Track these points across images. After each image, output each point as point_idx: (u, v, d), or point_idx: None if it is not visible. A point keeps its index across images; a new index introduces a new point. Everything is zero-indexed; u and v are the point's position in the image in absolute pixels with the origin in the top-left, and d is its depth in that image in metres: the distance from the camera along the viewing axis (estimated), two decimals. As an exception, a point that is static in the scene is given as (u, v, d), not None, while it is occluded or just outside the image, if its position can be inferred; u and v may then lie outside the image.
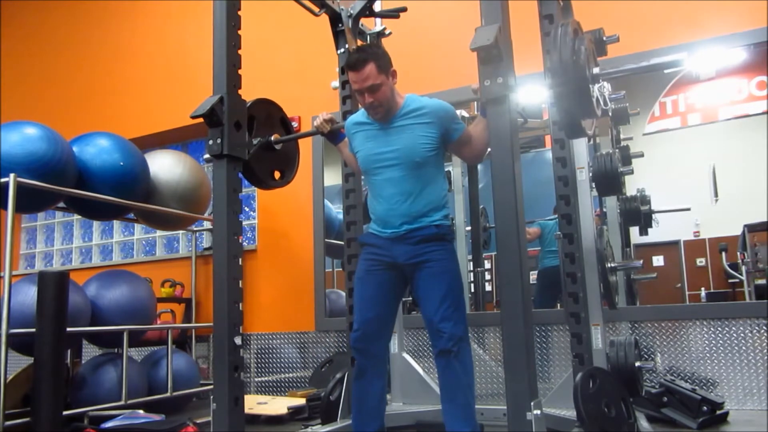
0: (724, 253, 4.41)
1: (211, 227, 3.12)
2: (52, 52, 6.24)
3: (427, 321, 2.22)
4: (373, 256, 2.35)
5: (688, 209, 4.13)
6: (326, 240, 4.44)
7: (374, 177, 2.36)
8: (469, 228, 4.45)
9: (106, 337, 3.69)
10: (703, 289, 4.49)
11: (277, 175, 2.86)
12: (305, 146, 4.61)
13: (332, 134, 2.65)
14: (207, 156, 2.32)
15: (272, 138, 2.73)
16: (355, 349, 2.31)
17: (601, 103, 2.01)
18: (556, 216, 2.64)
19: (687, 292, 4.53)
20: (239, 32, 2.34)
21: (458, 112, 4.38)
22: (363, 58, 2.24)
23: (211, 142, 2.24)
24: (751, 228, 4.22)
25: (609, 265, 2.83)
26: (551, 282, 4.18)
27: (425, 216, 2.27)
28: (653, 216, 3.67)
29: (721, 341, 3.30)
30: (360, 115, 2.46)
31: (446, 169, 4.32)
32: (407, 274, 2.33)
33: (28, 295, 3.13)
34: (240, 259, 2.27)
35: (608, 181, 2.84)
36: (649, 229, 3.91)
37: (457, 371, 2.12)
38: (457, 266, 2.30)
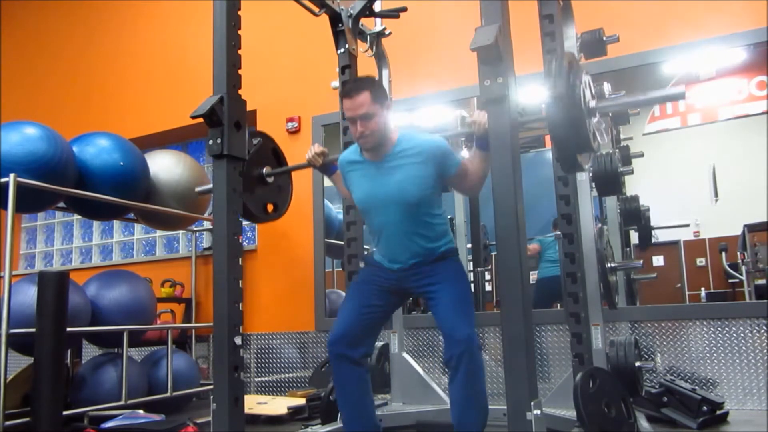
0: (724, 253, 4.41)
1: (211, 227, 3.12)
2: (52, 52, 6.24)
3: (442, 329, 2.19)
4: (377, 278, 2.36)
5: (687, 225, 4.18)
6: (326, 240, 4.44)
7: (372, 217, 2.35)
8: (468, 233, 4.46)
9: (106, 337, 3.69)
10: (703, 289, 4.49)
11: (270, 207, 2.80)
12: (305, 146, 4.62)
13: (325, 167, 2.60)
14: (201, 188, 2.31)
15: (264, 171, 2.69)
16: (332, 353, 2.26)
17: (598, 137, 1.97)
18: (556, 232, 2.65)
19: (687, 292, 4.53)
20: (239, 32, 2.34)
21: (458, 112, 4.41)
22: (358, 87, 2.22)
23: (211, 142, 2.24)
24: (751, 228, 4.22)
25: (609, 265, 2.83)
26: (549, 292, 4.19)
27: (429, 247, 2.28)
28: (652, 232, 3.71)
29: (721, 341, 3.30)
30: (352, 152, 2.41)
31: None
32: (413, 294, 2.37)
33: (28, 295, 3.13)
34: (240, 259, 2.27)
35: (608, 181, 2.84)
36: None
37: (468, 378, 2.06)
38: (465, 279, 2.33)
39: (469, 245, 4.50)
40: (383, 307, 2.38)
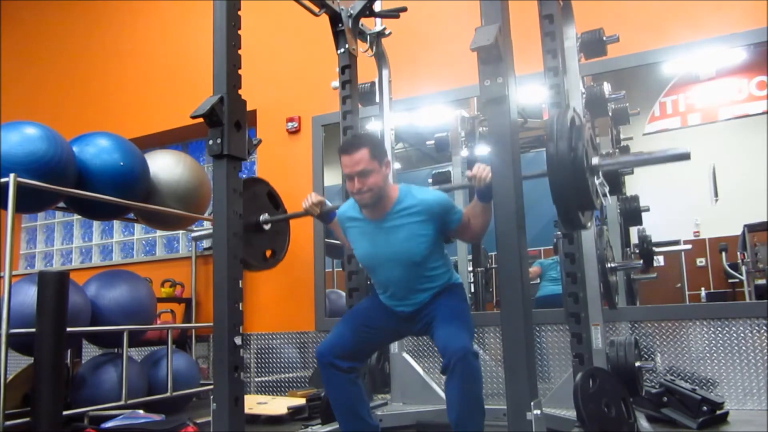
0: (724, 253, 4.40)
1: (211, 227, 3.12)
2: (52, 52, 6.24)
3: (438, 344, 2.17)
4: (383, 308, 2.38)
5: (689, 248, 4.19)
6: (326, 240, 4.44)
7: (375, 273, 2.36)
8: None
9: (106, 337, 3.69)
10: (703, 289, 4.48)
11: (268, 253, 2.75)
12: (305, 146, 4.62)
13: (323, 216, 2.57)
14: (196, 234, 2.29)
15: (261, 218, 2.64)
16: (321, 361, 2.26)
17: (600, 194, 1.95)
18: (556, 257, 2.65)
19: (687, 292, 4.52)
20: (239, 32, 2.34)
21: (458, 111, 4.42)
22: (356, 143, 2.19)
23: (211, 142, 2.24)
24: (751, 228, 4.22)
25: (609, 265, 2.83)
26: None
27: (431, 289, 2.29)
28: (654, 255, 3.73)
29: (721, 341, 3.30)
30: (351, 208, 2.37)
31: (446, 169, 4.35)
32: (418, 331, 2.38)
33: (28, 295, 3.13)
34: (240, 259, 2.27)
35: (608, 181, 2.83)
36: (649, 229, 3.91)
37: (464, 384, 2.01)
38: (463, 300, 2.33)
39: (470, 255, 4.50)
40: (382, 334, 2.40)
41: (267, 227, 2.67)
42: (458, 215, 2.25)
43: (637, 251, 3.90)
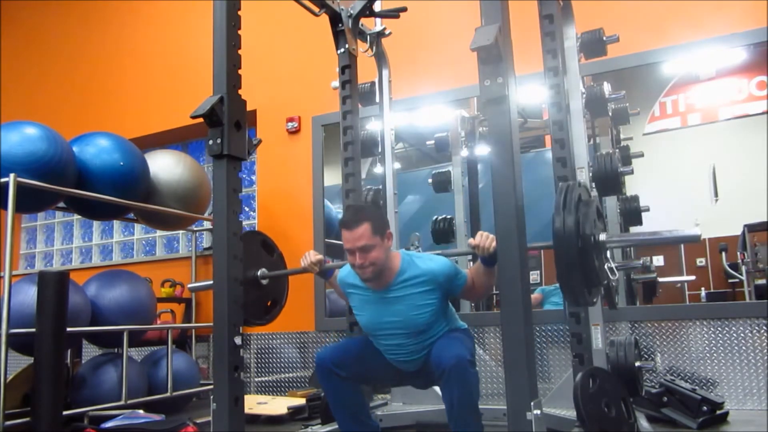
0: (724, 253, 4.40)
1: (211, 227, 3.12)
2: (52, 52, 6.24)
3: (432, 360, 2.16)
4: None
5: (693, 278, 4.19)
6: (326, 240, 4.43)
7: (378, 339, 2.34)
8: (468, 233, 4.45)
9: (106, 337, 3.69)
10: (703, 289, 4.48)
11: (268, 304, 2.71)
12: (305, 146, 4.62)
13: (322, 273, 2.54)
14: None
15: (258, 273, 2.58)
16: (320, 366, 2.25)
17: (608, 271, 1.92)
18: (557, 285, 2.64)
19: (687, 292, 4.52)
20: (239, 32, 2.34)
21: (458, 111, 4.41)
22: (358, 218, 2.15)
23: (211, 142, 2.24)
24: (751, 228, 4.21)
25: (609, 265, 2.82)
26: None
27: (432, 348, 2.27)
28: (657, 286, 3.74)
29: (721, 341, 3.29)
30: (352, 275, 2.33)
31: (446, 169, 4.35)
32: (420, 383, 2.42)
33: (28, 295, 3.13)
34: (240, 259, 2.27)
35: (608, 181, 2.84)
36: (649, 229, 3.90)
37: (460, 387, 2.01)
38: (467, 337, 2.30)
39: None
40: (384, 372, 2.38)
41: (265, 282, 2.60)
42: (462, 280, 2.23)
43: (641, 282, 3.89)
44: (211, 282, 2.25)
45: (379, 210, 2.33)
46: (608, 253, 1.94)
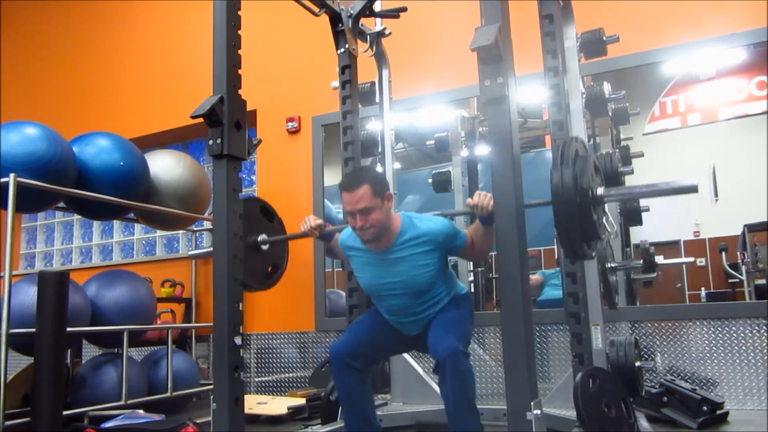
0: (724, 253, 4.40)
1: (211, 227, 3.12)
2: (52, 52, 6.24)
3: (429, 345, 2.19)
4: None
5: (692, 261, 4.19)
6: (326, 240, 4.43)
7: (379, 301, 2.36)
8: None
9: (106, 337, 3.69)
10: (703, 289, 4.48)
11: (269, 270, 2.73)
12: (305, 146, 4.62)
13: (323, 237, 2.55)
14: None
15: (259, 239, 2.60)
16: (334, 360, 2.26)
17: (606, 225, 1.93)
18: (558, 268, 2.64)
19: (687, 292, 4.52)
20: (239, 32, 2.34)
21: (458, 111, 4.41)
22: (357, 180, 2.16)
23: (211, 142, 2.24)
24: (751, 228, 4.22)
25: (609, 265, 2.82)
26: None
27: (437, 312, 2.29)
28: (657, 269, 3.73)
29: (721, 341, 3.29)
30: (353, 237, 2.35)
31: (446, 169, 4.35)
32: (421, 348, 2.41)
33: (28, 295, 3.13)
34: (240, 259, 2.27)
35: (608, 181, 2.83)
36: (649, 229, 3.90)
37: (454, 383, 2.03)
38: (465, 306, 2.33)
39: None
40: (394, 342, 2.40)
41: (265, 247, 2.63)
42: (462, 240, 2.25)
43: (641, 261, 3.89)
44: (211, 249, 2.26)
45: (379, 172, 2.34)
46: (606, 207, 1.95)
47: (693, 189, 1.81)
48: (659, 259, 4.51)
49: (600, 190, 1.90)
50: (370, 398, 2.35)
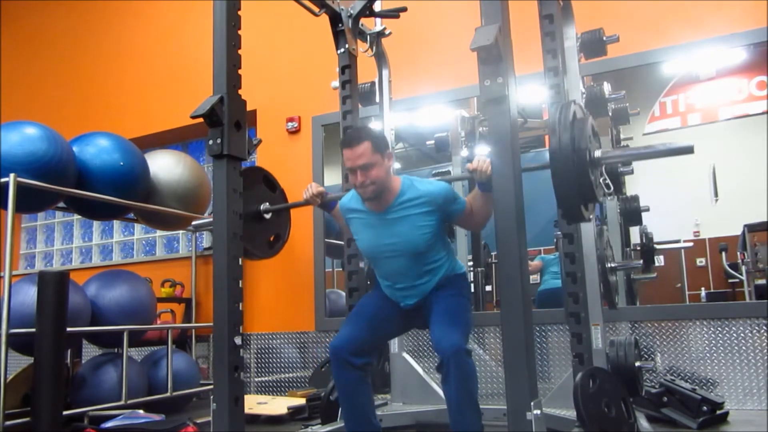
0: (724, 253, 4.40)
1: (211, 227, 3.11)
2: (52, 52, 6.24)
3: (432, 338, 2.19)
4: (389, 302, 2.40)
5: (691, 245, 4.18)
6: (326, 240, 4.44)
7: (377, 263, 2.37)
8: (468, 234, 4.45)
9: (106, 337, 3.69)
10: (703, 289, 4.48)
11: (271, 239, 2.77)
12: (305, 146, 4.62)
13: (324, 205, 2.58)
14: (197, 222, 2.31)
15: (261, 207, 2.65)
16: (334, 358, 2.26)
17: (603, 187, 1.95)
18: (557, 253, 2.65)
19: (687, 292, 4.52)
20: (239, 32, 2.34)
21: (458, 111, 4.41)
22: (358, 137, 2.19)
23: (211, 142, 2.24)
24: (751, 228, 4.22)
25: (609, 265, 2.83)
26: (550, 304, 4.18)
27: (435, 285, 2.30)
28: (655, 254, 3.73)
29: (721, 341, 3.30)
30: (353, 200, 2.39)
31: (446, 169, 4.35)
32: (420, 322, 2.39)
33: (28, 295, 3.13)
34: (240, 259, 2.27)
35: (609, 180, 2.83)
36: (649, 229, 3.91)
37: (458, 382, 2.05)
38: (466, 295, 2.34)
39: (470, 256, 4.50)
40: (393, 325, 2.40)
41: (268, 216, 2.70)
42: (461, 205, 2.27)
43: (639, 248, 3.89)
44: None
45: (380, 131, 2.35)
46: (603, 169, 1.96)
47: (689, 150, 1.82)
48: (659, 260, 4.52)
49: (598, 152, 1.91)
50: (371, 397, 2.34)
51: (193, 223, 2.86)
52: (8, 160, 3.10)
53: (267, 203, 2.69)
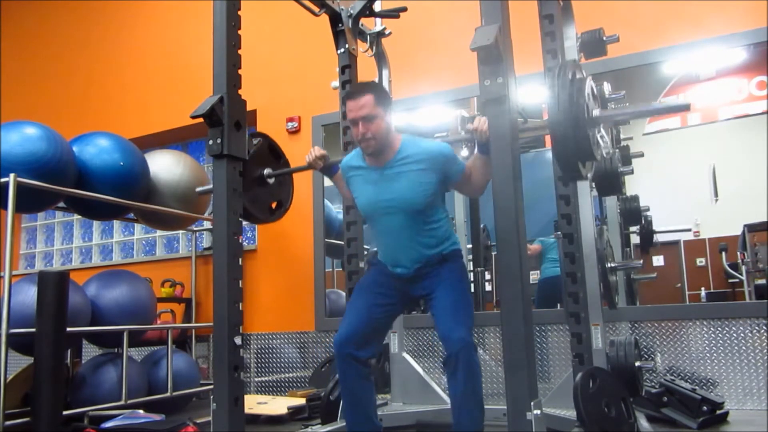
0: (724, 253, 4.40)
1: (211, 227, 3.12)
2: (52, 52, 6.24)
3: (439, 331, 2.20)
4: (383, 277, 2.38)
5: (689, 230, 4.18)
6: (326, 240, 4.44)
7: (375, 222, 2.36)
8: (468, 233, 4.46)
9: (106, 337, 3.69)
10: (703, 289, 4.49)
11: (273, 205, 2.83)
12: (305, 146, 4.62)
13: (326, 169, 2.61)
14: (201, 189, 2.33)
15: (265, 172, 2.69)
16: (338, 354, 2.26)
17: (601, 146, 1.97)
18: (557, 234, 2.65)
19: (687, 292, 4.52)
20: (239, 32, 2.34)
21: (458, 111, 4.41)
22: (361, 89, 2.24)
23: (211, 142, 2.24)
24: (751, 228, 4.22)
25: (609, 265, 2.83)
26: (552, 293, 4.18)
27: (432, 252, 2.29)
28: (654, 236, 3.72)
29: (721, 341, 3.30)
30: (355, 157, 2.41)
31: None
32: (418, 296, 2.37)
33: (28, 295, 3.13)
34: (240, 259, 2.27)
35: (608, 181, 2.84)
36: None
37: (465, 378, 2.06)
38: (466, 280, 2.34)
39: (469, 245, 4.50)
40: (391, 307, 2.38)
41: (271, 181, 2.74)
42: (461, 167, 2.28)
43: (638, 231, 3.87)
44: None
45: (383, 86, 2.37)
46: (601, 128, 1.98)
47: (685, 107, 1.85)
48: (659, 260, 4.52)
49: (596, 111, 1.93)
50: (373, 397, 2.34)
51: (197, 189, 2.89)
52: (8, 160, 3.10)
53: (270, 168, 2.73)
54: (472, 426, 2.07)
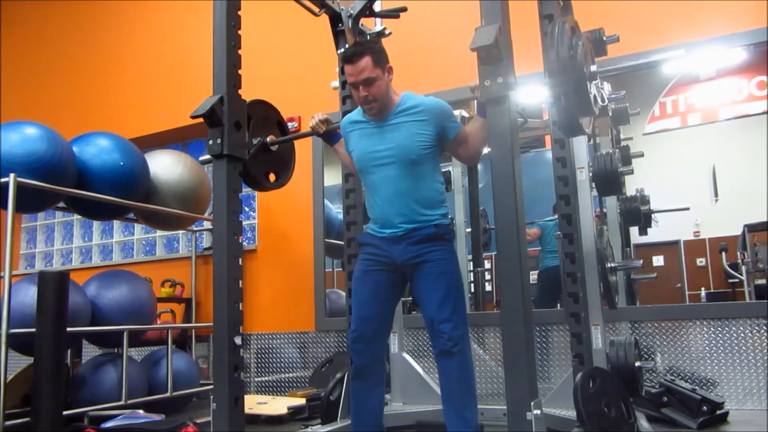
0: (724, 253, 4.41)
1: (211, 227, 3.12)
2: (52, 52, 6.24)
3: (427, 322, 2.22)
4: (371, 257, 2.34)
5: (687, 209, 4.13)
6: (326, 240, 4.44)
7: (370, 175, 2.35)
8: (469, 230, 4.45)
9: (106, 337, 3.69)
10: (703, 289, 4.49)
11: (272, 177, 2.85)
12: (305, 146, 4.62)
13: (328, 135, 2.65)
14: (204, 158, 2.35)
15: (268, 139, 2.73)
16: (354, 350, 2.30)
17: (599, 100, 2.01)
18: (556, 216, 2.64)
19: (687, 292, 4.53)
20: (239, 32, 2.34)
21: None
22: (359, 51, 2.25)
23: (211, 142, 2.24)
24: (751, 228, 4.23)
25: (609, 265, 2.83)
26: (552, 283, 4.17)
27: (424, 214, 2.26)
28: (653, 216, 3.67)
29: (721, 341, 3.30)
30: (356, 113, 2.45)
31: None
32: (406, 274, 2.32)
33: (28, 295, 3.13)
34: (240, 259, 2.27)
35: (608, 181, 2.84)
36: (649, 229, 3.91)
37: (457, 372, 2.11)
38: (458, 267, 2.29)
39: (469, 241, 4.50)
40: (390, 290, 2.37)
41: (274, 149, 2.78)
42: (458, 124, 2.32)
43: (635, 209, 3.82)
44: None
45: (380, 45, 2.42)
46: (599, 82, 2.03)
47: (681, 55, 1.92)
48: (659, 260, 4.52)
49: (593, 66, 1.96)
50: (382, 400, 2.39)
51: (200, 158, 2.91)
52: (8, 160, 3.10)
53: (272, 135, 2.77)
54: (465, 427, 2.08)
